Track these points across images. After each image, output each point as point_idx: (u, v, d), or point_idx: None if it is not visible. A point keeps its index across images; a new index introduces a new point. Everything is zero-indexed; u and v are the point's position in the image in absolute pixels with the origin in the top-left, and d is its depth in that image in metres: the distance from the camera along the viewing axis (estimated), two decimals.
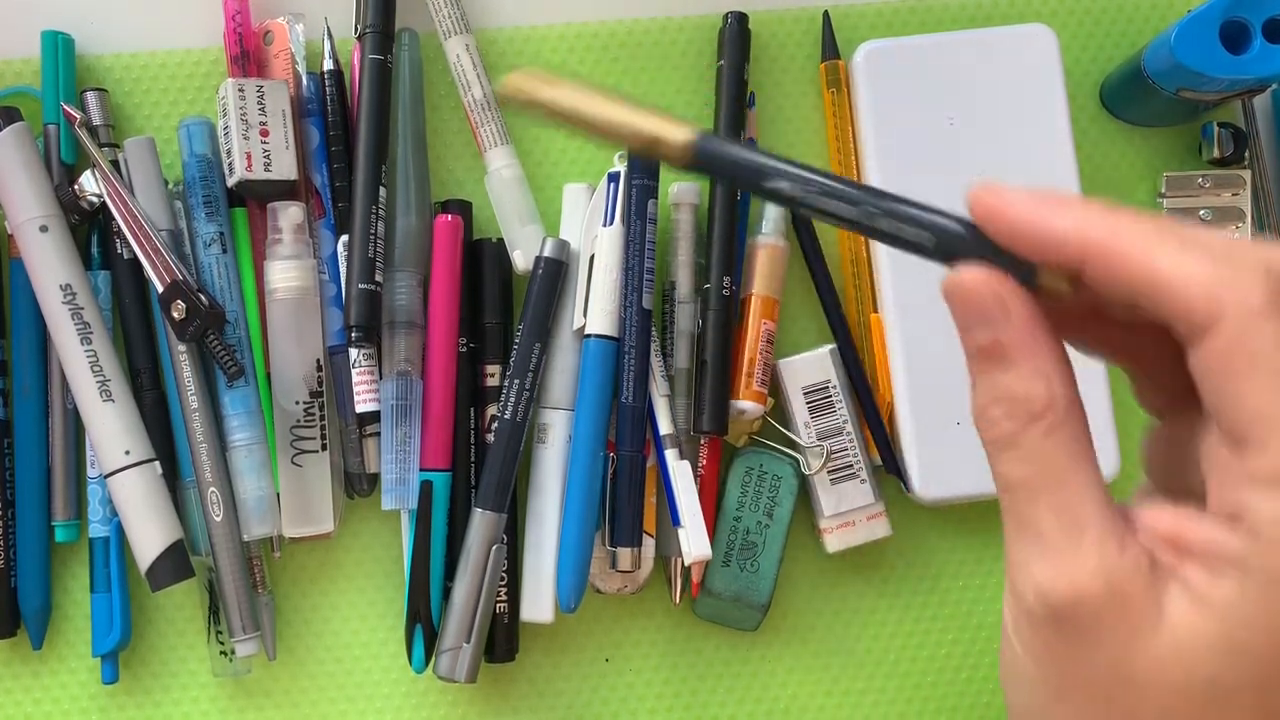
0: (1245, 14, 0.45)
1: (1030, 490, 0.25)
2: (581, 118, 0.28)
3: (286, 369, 0.47)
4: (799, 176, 0.27)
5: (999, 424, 0.25)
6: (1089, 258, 0.24)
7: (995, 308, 0.25)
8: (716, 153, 0.28)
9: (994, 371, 0.25)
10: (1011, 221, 0.25)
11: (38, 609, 0.48)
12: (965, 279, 0.25)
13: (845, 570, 0.50)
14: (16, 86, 0.49)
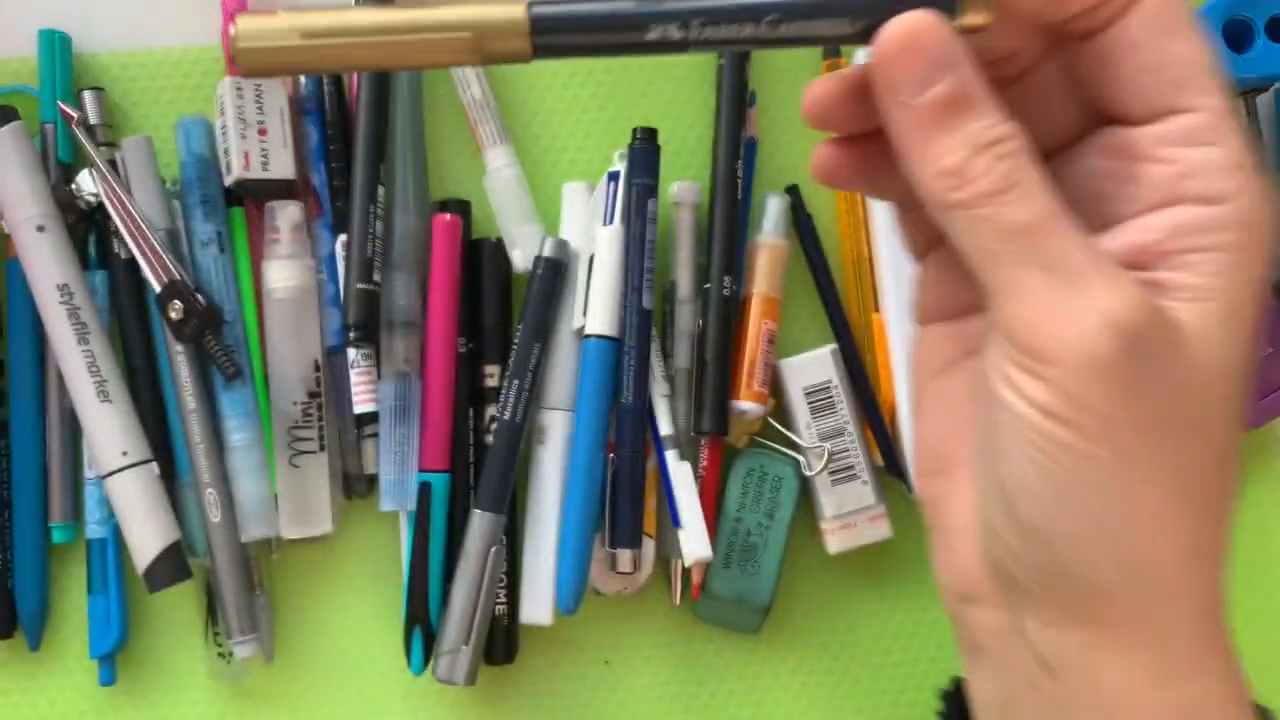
0: (1248, 13, 0.45)
1: (1048, 227, 0.23)
2: (366, 40, 0.21)
3: (284, 369, 0.47)
4: (681, 12, 0.23)
5: (992, 170, 0.23)
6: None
7: (952, 49, 0.23)
8: (564, 16, 0.22)
9: (964, 121, 0.23)
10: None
11: (35, 610, 0.47)
12: (916, 27, 0.23)
13: (847, 572, 0.50)
14: (13, 85, 0.49)
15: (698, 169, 0.51)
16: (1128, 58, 0.24)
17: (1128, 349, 0.23)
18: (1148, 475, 0.24)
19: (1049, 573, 0.25)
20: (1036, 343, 0.23)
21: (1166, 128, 0.24)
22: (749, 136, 0.50)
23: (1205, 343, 0.24)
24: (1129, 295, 0.23)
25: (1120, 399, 0.23)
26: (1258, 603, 0.51)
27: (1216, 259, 0.24)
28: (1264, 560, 0.51)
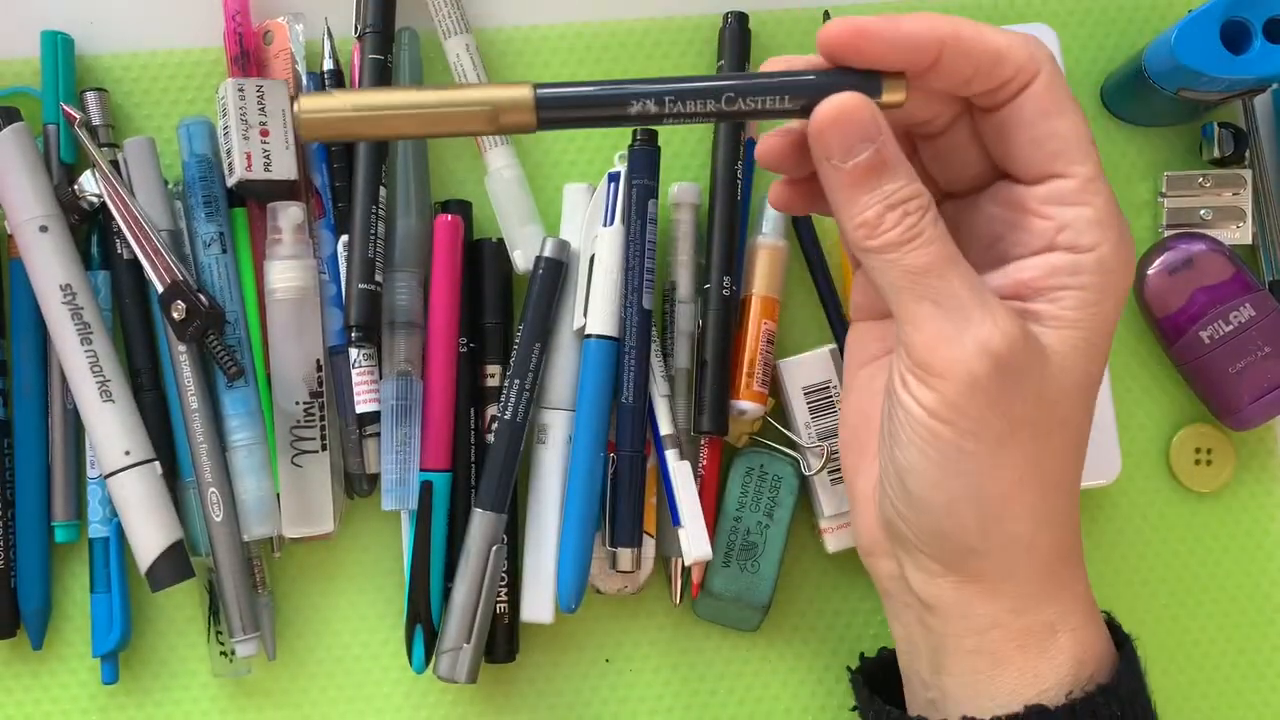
0: (1246, 14, 0.45)
1: (940, 271, 0.29)
2: (403, 113, 0.27)
3: (286, 369, 0.47)
4: (655, 92, 0.28)
5: (899, 223, 0.29)
6: (946, 46, 0.29)
7: (874, 125, 0.29)
8: (563, 97, 0.27)
9: (880, 183, 0.29)
10: (874, 34, 0.29)
11: (37, 609, 0.48)
12: (845, 106, 0.29)
13: (845, 570, 0.50)
14: (16, 86, 0.49)
15: (698, 169, 0.51)
16: (1019, 132, 0.30)
17: (997, 369, 0.29)
18: (1008, 461, 0.30)
19: (929, 533, 0.32)
20: (927, 360, 0.30)
21: (1048, 189, 0.30)
22: (749, 137, 0.50)
23: (1065, 361, 0.30)
24: (1002, 327, 0.29)
25: (989, 406, 0.30)
26: (1255, 598, 0.51)
27: (1079, 296, 0.30)
28: (1262, 556, 0.51)
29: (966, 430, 0.30)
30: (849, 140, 0.29)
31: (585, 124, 0.28)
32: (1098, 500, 0.51)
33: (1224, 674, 0.51)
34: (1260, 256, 0.51)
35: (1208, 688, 0.51)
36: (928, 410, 0.30)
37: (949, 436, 0.30)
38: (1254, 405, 0.48)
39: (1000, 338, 0.29)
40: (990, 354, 0.29)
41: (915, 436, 0.31)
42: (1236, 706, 0.51)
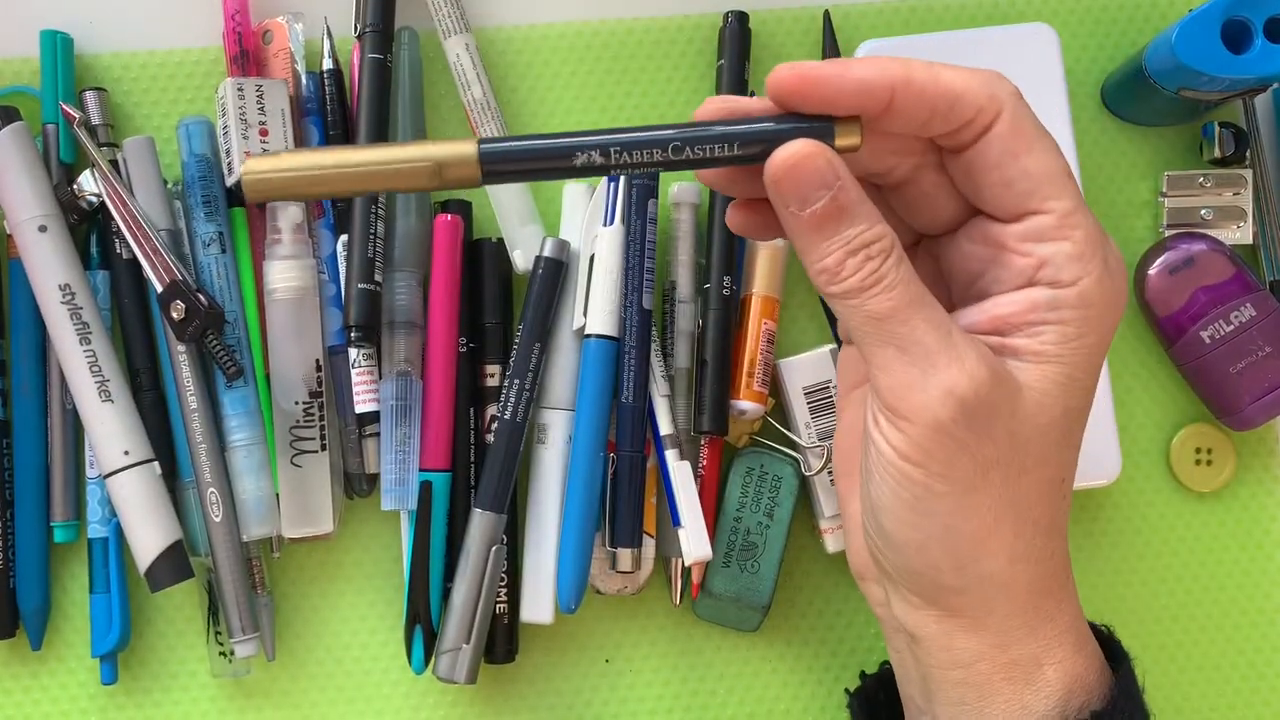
0: (1246, 13, 0.45)
1: (903, 315, 0.29)
2: (346, 171, 0.26)
3: (286, 369, 0.47)
4: (601, 143, 0.27)
5: (860, 269, 0.29)
6: (897, 91, 0.28)
7: (831, 171, 0.28)
8: (507, 151, 0.27)
9: (840, 229, 0.29)
10: (822, 80, 0.28)
11: (36, 609, 0.48)
12: (799, 155, 0.28)
13: (846, 571, 0.50)
14: (15, 86, 0.49)
15: None
16: (988, 173, 0.30)
17: (964, 414, 0.29)
18: (980, 502, 0.30)
19: (904, 570, 0.32)
20: (895, 404, 0.29)
21: (1025, 227, 0.30)
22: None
23: (1043, 398, 0.30)
24: (969, 370, 0.29)
25: (958, 449, 0.29)
26: (1255, 598, 0.51)
27: (1059, 330, 0.29)
28: (1262, 556, 0.51)
29: (936, 472, 0.29)
30: (804, 189, 0.28)
31: (530, 177, 0.28)
32: (1098, 500, 0.51)
33: (1224, 674, 0.51)
34: (1261, 256, 0.51)
35: (1207, 688, 0.51)
36: (897, 451, 0.30)
37: (919, 478, 0.30)
38: (1254, 405, 0.48)
39: (966, 382, 0.29)
40: (955, 399, 0.29)
41: (887, 476, 0.30)
42: (1236, 706, 0.50)
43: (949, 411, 0.29)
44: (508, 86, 0.51)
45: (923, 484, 0.30)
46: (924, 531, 0.31)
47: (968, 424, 0.29)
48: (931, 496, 0.30)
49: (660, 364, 0.48)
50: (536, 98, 0.51)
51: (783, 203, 0.29)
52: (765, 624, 0.49)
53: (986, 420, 0.29)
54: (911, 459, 0.30)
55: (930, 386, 0.29)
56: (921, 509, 0.30)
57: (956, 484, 0.30)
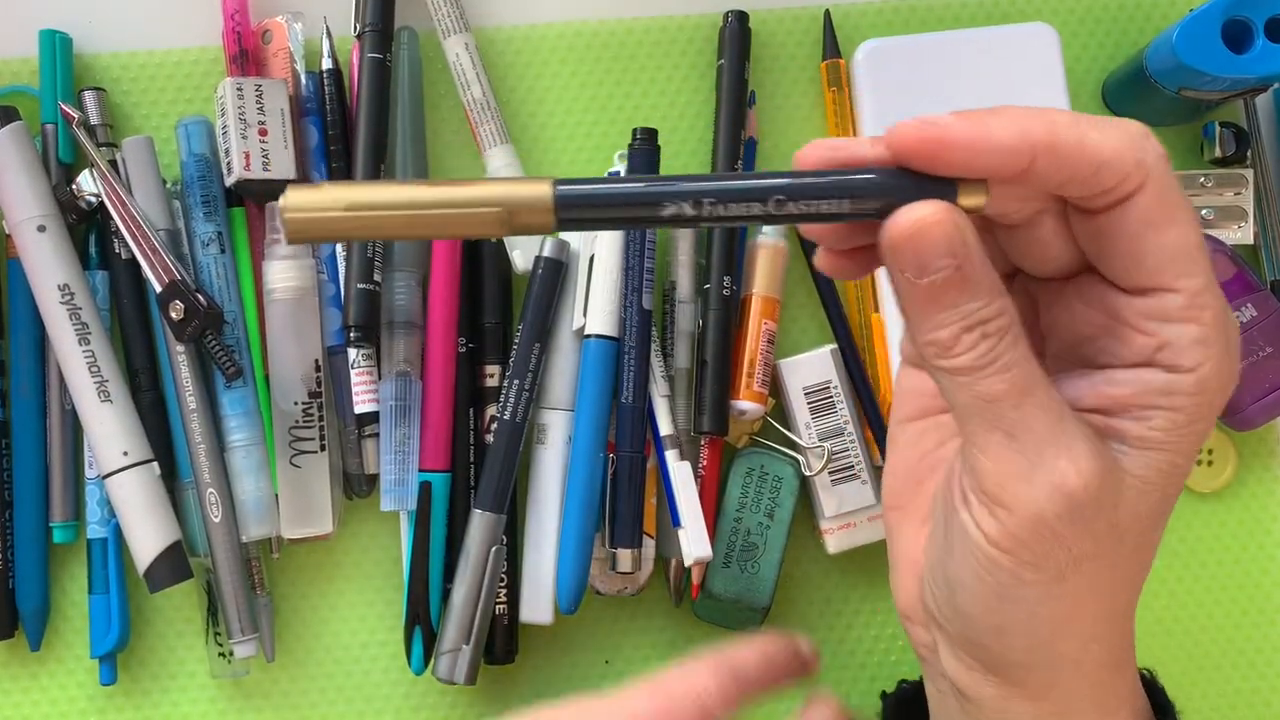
0: (1247, 13, 0.45)
1: (1015, 400, 0.26)
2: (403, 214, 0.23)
3: (285, 369, 0.47)
4: (694, 191, 0.24)
5: (975, 347, 0.26)
6: (1038, 157, 0.25)
7: (958, 240, 0.25)
8: (586, 195, 0.23)
9: (959, 301, 0.26)
10: (956, 144, 0.25)
11: (36, 610, 0.48)
12: (925, 221, 0.25)
13: (846, 571, 0.50)
14: (14, 85, 0.49)
15: (698, 169, 0.51)
16: (1119, 241, 0.27)
17: (1069, 511, 0.26)
18: (1067, 591, 0.28)
19: (972, 643, 0.30)
20: (994, 491, 0.27)
21: (1149, 303, 0.27)
22: (749, 136, 0.50)
23: (1144, 485, 0.27)
24: (1079, 464, 0.26)
25: (1055, 542, 0.27)
26: (1256, 598, 0.51)
27: (1171, 417, 0.27)
28: (1264, 556, 0.51)
29: (1026, 562, 0.27)
30: (927, 258, 0.25)
31: (610, 225, 0.25)
32: None
33: (1225, 674, 0.50)
34: (1262, 256, 0.51)
35: (1208, 688, 0.50)
36: (988, 538, 0.28)
37: (1008, 565, 0.28)
38: (1255, 406, 0.48)
39: (1076, 478, 0.26)
40: (1063, 495, 0.26)
41: (971, 558, 0.28)
42: (1237, 707, 0.50)
43: (1055, 507, 0.26)
44: (507, 86, 0.51)
45: (1011, 572, 0.28)
46: (1004, 616, 0.29)
47: (1071, 519, 0.27)
48: (1018, 585, 0.28)
49: (660, 364, 0.48)
50: (536, 97, 0.51)
51: (898, 268, 0.26)
52: (765, 625, 0.49)
53: (1091, 515, 0.27)
54: (1003, 547, 0.27)
55: (1037, 478, 0.26)
56: (1005, 595, 0.28)
57: (1047, 574, 0.28)
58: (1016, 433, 0.26)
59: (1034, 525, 0.27)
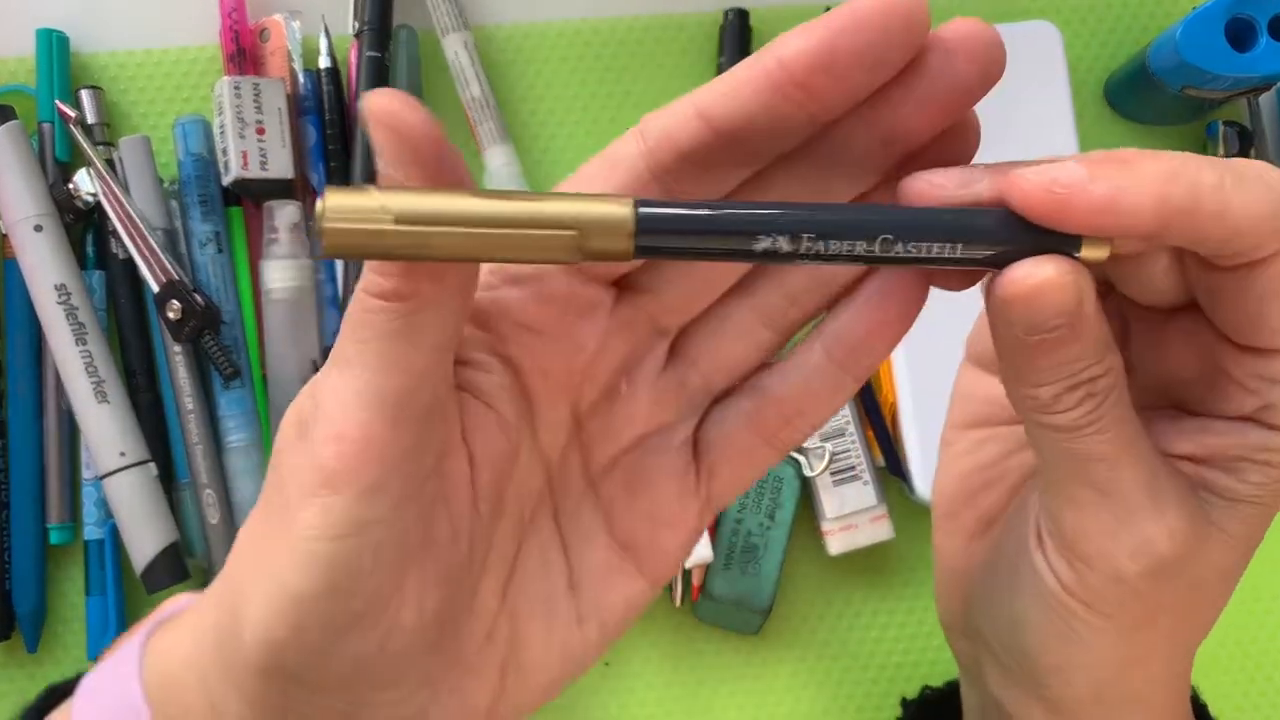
0: (1251, 11, 0.45)
1: (1112, 461, 0.25)
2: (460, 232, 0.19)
3: (283, 369, 0.47)
4: (791, 223, 0.21)
5: (1078, 407, 0.24)
6: (1173, 220, 0.22)
7: (1076, 301, 0.22)
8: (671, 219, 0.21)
9: (1066, 359, 0.23)
10: (1085, 207, 0.22)
11: (32, 611, 0.47)
12: (1046, 283, 0.22)
13: (848, 573, 0.50)
14: (11, 84, 0.49)
15: None
16: (1239, 299, 0.24)
17: (1152, 573, 0.25)
18: (1136, 639, 0.27)
19: (1029, 677, 0.29)
20: (1077, 545, 0.26)
21: (1260, 363, 0.25)
22: None
23: (1230, 540, 0.26)
24: (1169, 526, 0.25)
25: (1132, 597, 0.26)
26: (1261, 598, 0.51)
27: (1265, 473, 0.26)
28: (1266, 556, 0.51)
29: (1101, 611, 0.26)
30: (1041, 317, 0.22)
31: (694, 256, 0.21)
32: None
33: (1226, 674, 0.50)
34: None
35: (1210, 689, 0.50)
36: (1063, 585, 0.27)
37: (1080, 613, 0.27)
38: None
39: (1165, 541, 0.25)
40: (1149, 558, 0.25)
41: (1040, 600, 0.27)
42: (1243, 709, 0.50)
43: (1138, 567, 0.25)
44: (506, 85, 0.51)
45: (1082, 620, 0.27)
46: (1067, 657, 0.28)
47: (1154, 579, 0.26)
48: (1088, 630, 0.27)
49: None
50: (535, 96, 0.51)
51: (1006, 323, 0.23)
52: (766, 627, 0.49)
53: (1175, 574, 0.26)
54: (1077, 595, 0.26)
55: (1124, 538, 0.25)
56: (1072, 639, 0.27)
57: (1119, 623, 0.27)
58: (1109, 491, 0.25)
59: (1114, 582, 0.26)
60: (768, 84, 0.21)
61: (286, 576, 0.22)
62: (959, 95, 0.22)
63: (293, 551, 0.22)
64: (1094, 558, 0.26)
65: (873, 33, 0.21)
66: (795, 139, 0.23)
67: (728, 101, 0.22)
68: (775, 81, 0.21)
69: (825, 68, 0.21)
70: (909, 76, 0.22)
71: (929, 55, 0.22)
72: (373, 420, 0.21)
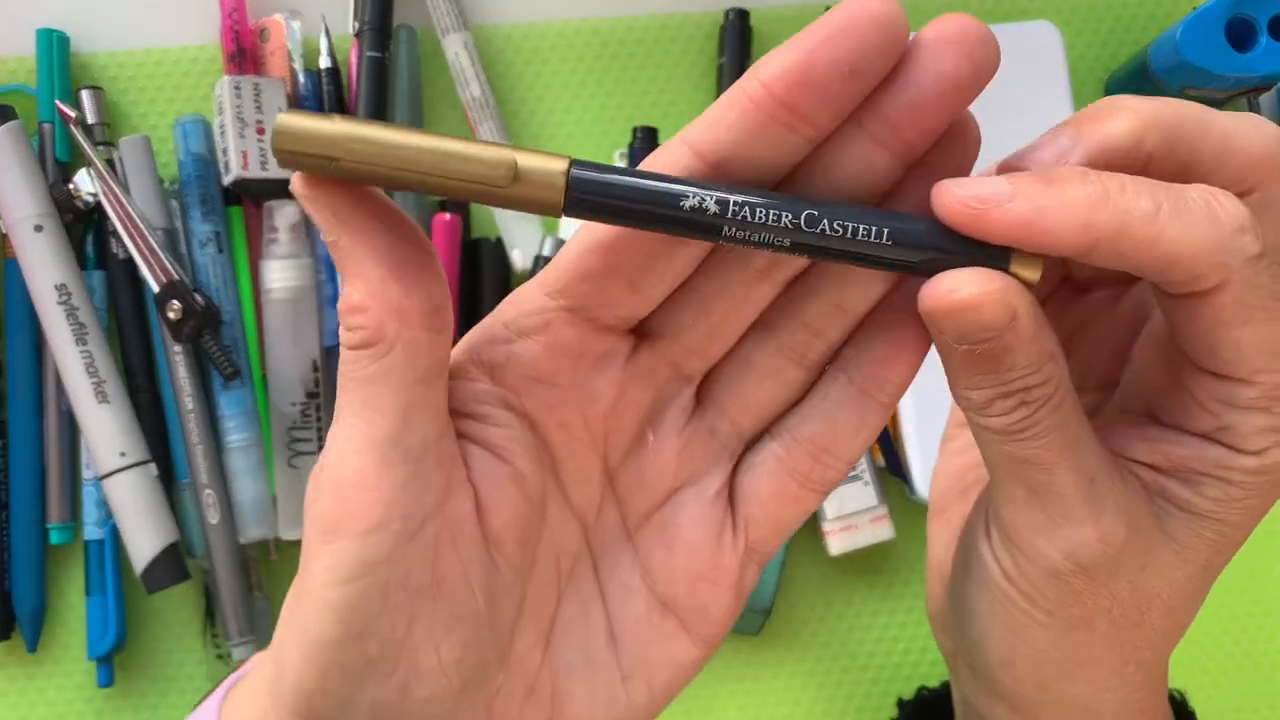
0: (1251, 11, 0.45)
1: (1047, 465, 0.24)
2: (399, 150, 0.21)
3: (283, 369, 0.47)
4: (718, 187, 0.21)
5: (1010, 414, 0.24)
6: (1100, 245, 0.22)
7: (1005, 319, 0.22)
8: (602, 181, 0.21)
9: (998, 370, 0.23)
10: (1004, 227, 0.21)
11: (33, 611, 0.47)
12: (971, 301, 0.22)
13: (848, 573, 0.50)
14: (11, 84, 0.49)
15: None
16: (1193, 329, 0.24)
17: (1083, 573, 0.25)
18: (1079, 640, 0.27)
19: (983, 674, 0.29)
20: (1013, 537, 0.26)
21: (1218, 386, 0.24)
22: None
23: (1188, 552, 0.26)
24: (1103, 530, 0.25)
25: (1070, 596, 0.26)
26: (1261, 599, 0.50)
27: (1224, 489, 0.25)
28: (1266, 559, 0.51)
29: (1040, 606, 0.26)
30: (968, 332, 0.22)
31: (624, 219, 0.22)
32: None
33: (1227, 674, 0.50)
34: None
35: (1212, 689, 0.50)
36: (1005, 574, 0.27)
37: (1021, 604, 0.27)
38: None
39: (1095, 544, 0.25)
40: (1078, 560, 0.25)
41: (985, 588, 0.27)
42: (1243, 710, 0.50)
43: (1068, 566, 0.25)
44: (506, 84, 0.51)
45: (1023, 611, 0.27)
46: (1014, 652, 0.28)
47: (1086, 578, 0.26)
48: (1031, 625, 0.27)
49: None
50: (535, 95, 0.51)
51: (935, 330, 0.23)
52: (766, 627, 0.48)
53: (1109, 575, 0.26)
54: (1018, 585, 0.26)
55: (1056, 538, 0.25)
56: (1016, 631, 0.27)
57: (1059, 620, 0.26)
58: (1041, 493, 0.25)
59: (1049, 577, 0.26)
60: (752, 107, 0.21)
61: (308, 624, 0.22)
62: (950, 94, 0.21)
63: (312, 599, 0.22)
64: (1028, 551, 0.26)
65: (849, 41, 0.20)
66: (790, 160, 0.22)
67: (715, 131, 0.22)
68: (759, 104, 0.21)
69: (806, 82, 0.20)
70: (895, 81, 0.21)
71: (915, 56, 0.21)
72: (365, 464, 0.22)
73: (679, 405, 0.25)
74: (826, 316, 0.25)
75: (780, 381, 0.25)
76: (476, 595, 0.24)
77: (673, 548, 0.26)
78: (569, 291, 0.24)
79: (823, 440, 0.25)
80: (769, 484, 0.26)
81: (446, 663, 0.23)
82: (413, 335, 0.22)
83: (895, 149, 0.22)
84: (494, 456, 0.24)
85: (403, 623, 0.22)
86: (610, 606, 0.26)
